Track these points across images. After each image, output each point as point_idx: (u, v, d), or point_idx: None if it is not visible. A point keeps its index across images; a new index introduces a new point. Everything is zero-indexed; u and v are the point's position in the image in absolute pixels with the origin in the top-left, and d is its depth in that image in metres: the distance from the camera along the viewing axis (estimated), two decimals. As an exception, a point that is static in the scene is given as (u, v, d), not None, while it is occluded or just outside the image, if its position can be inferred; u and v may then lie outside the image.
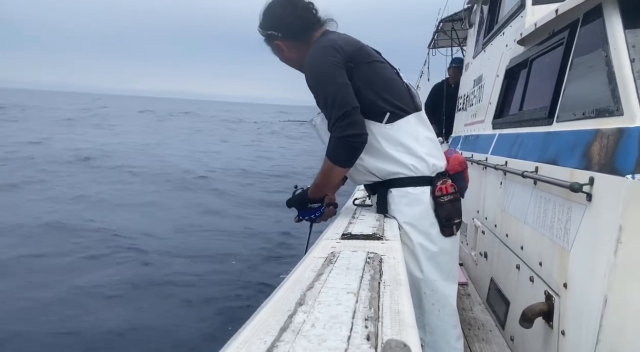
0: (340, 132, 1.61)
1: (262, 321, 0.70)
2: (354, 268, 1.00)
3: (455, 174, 1.76)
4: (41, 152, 16.30)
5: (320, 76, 1.68)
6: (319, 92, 1.68)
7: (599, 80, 1.85)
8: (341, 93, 1.63)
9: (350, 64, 1.69)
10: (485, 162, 3.28)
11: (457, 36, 6.97)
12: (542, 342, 2.06)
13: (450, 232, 1.71)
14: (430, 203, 1.70)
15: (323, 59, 1.68)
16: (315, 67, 1.70)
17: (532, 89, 2.89)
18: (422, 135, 1.76)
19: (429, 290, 1.67)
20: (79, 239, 7.30)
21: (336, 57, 1.67)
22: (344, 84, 1.64)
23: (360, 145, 1.63)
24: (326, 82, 1.65)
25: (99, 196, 10.41)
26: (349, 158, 1.66)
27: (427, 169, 1.72)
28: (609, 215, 1.54)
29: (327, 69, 1.66)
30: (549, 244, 2.06)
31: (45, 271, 5.95)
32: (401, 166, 1.71)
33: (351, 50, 1.72)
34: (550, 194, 2.09)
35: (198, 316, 5.00)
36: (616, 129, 1.61)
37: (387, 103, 1.72)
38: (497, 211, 3.05)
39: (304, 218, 1.94)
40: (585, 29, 2.14)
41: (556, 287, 1.94)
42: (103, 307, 5.06)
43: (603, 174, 1.60)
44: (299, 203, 1.90)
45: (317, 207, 1.91)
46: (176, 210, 9.74)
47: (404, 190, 1.72)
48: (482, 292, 3.41)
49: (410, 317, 0.74)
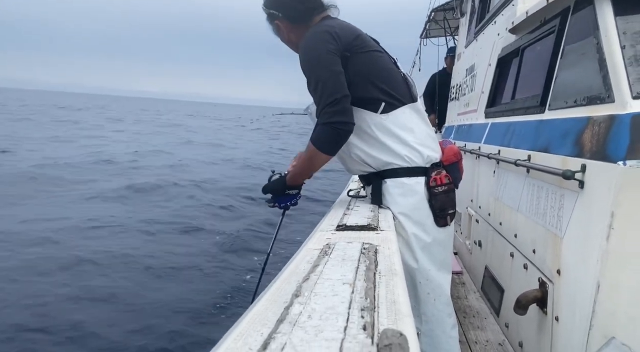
0: (327, 118, 1.60)
1: (259, 313, 0.70)
2: (349, 259, 1.00)
3: (449, 165, 1.77)
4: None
5: (313, 61, 1.66)
6: (311, 77, 1.67)
7: (590, 67, 1.86)
8: (332, 80, 1.61)
9: (347, 53, 1.68)
10: (478, 151, 3.29)
11: (449, 26, 6.95)
12: (536, 328, 2.09)
13: (444, 222, 1.71)
14: (425, 194, 1.70)
15: (318, 44, 1.66)
16: (310, 51, 1.68)
17: (524, 78, 2.90)
18: (417, 126, 1.76)
19: (424, 279, 1.68)
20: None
21: (332, 44, 1.65)
22: (336, 72, 1.63)
23: (345, 134, 1.62)
24: (319, 68, 1.64)
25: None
26: (334, 145, 1.66)
27: (422, 160, 1.72)
28: (601, 201, 1.55)
29: (322, 54, 1.64)
30: (542, 232, 2.08)
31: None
32: (396, 157, 1.71)
33: (348, 39, 1.70)
34: (543, 181, 2.10)
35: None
36: (607, 116, 1.62)
37: (382, 93, 1.71)
38: (490, 200, 3.06)
39: (279, 205, 1.90)
40: (576, 17, 2.14)
41: (550, 274, 1.96)
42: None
43: (595, 161, 1.61)
44: (275, 189, 1.87)
45: (294, 193, 1.87)
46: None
47: (399, 180, 1.72)
48: (476, 281, 3.44)
49: (406, 306, 0.74)
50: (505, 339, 2.56)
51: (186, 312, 4.74)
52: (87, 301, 4.84)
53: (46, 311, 4.53)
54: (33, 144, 17.74)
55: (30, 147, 16.72)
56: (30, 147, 16.58)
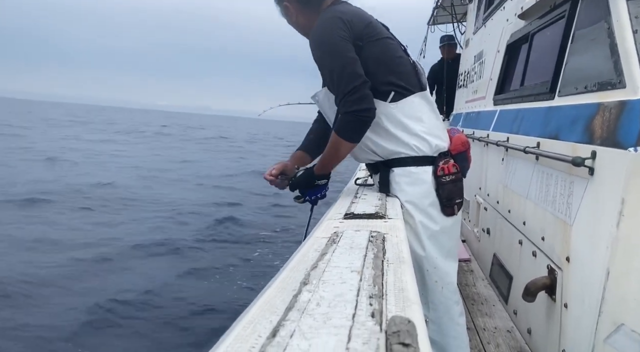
0: (349, 107, 1.58)
1: (268, 300, 0.71)
2: (357, 247, 1.01)
3: (457, 154, 1.75)
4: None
5: (327, 49, 1.63)
6: (325, 66, 1.64)
7: (601, 53, 1.83)
8: (349, 67, 1.59)
9: (359, 43, 1.65)
10: (487, 139, 3.26)
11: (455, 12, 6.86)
12: (545, 315, 2.09)
13: (451, 211, 1.71)
14: (432, 183, 1.69)
15: (330, 31, 1.63)
16: (322, 38, 1.65)
17: (533, 64, 2.86)
18: (425, 115, 1.74)
19: (432, 267, 1.68)
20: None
21: (344, 31, 1.62)
22: (351, 58, 1.60)
23: (368, 120, 1.61)
24: (333, 56, 1.61)
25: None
26: (358, 133, 1.64)
27: (430, 149, 1.70)
28: (611, 188, 1.54)
29: (335, 41, 1.61)
30: (552, 219, 2.07)
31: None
32: (403, 146, 1.70)
33: (360, 27, 1.67)
34: (552, 169, 2.08)
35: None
36: (618, 102, 1.59)
37: (392, 82, 1.69)
38: (499, 187, 3.05)
39: (309, 198, 1.88)
40: (587, 1, 2.10)
41: (558, 261, 1.96)
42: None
43: (605, 148, 1.59)
44: (304, 183, 1.85)
45: (323, 183, 1.85)
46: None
47: (406, 169, 1.71)
48: (485, 268, 3.43)
49: (414, 294, 0.74)
50: (514, 326, 2.57)
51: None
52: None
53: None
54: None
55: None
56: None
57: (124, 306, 4.96)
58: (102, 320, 4.66)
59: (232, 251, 7.38)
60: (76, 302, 4.97)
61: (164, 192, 12.01)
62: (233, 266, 6.58)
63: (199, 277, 6.00)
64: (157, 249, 7.08)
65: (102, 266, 6.16)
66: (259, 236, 8.43)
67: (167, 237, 7.69)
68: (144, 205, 10.34)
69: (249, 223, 9.33)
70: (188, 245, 7.48)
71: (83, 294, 5.19)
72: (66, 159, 17.18)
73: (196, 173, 16.26)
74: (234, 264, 6.69)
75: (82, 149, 20.96)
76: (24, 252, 6.46)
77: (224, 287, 5.72)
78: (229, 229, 8.67)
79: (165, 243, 7.35)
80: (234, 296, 5.43)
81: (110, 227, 8.21)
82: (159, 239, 7.53)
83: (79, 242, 7.12)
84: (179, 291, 5.48)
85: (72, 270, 5.87)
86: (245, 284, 5.84)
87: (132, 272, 6.05)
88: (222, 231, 8.51)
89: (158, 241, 7.45)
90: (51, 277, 5.60)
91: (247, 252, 7.36)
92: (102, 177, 13.30)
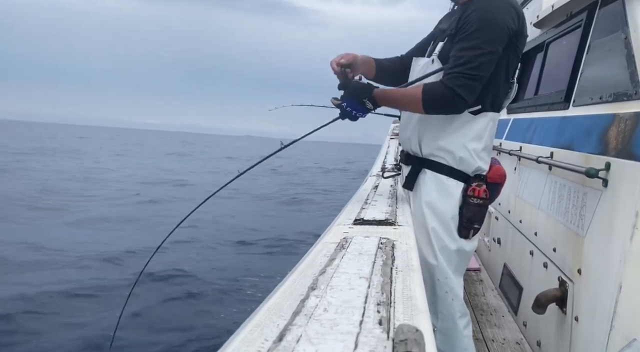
0: (453, 82, 1.54)
1: (275, 305, 0.71)
2: (366, 253, 1.00)
3: (492, 184, 1.73)
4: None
5: (487, 27, 1.58)
6: (473, 39, 1.58)
7: (617, 63, 1.81)
8: (488, 57, 1.56)
9: (514, 39, 1.62)
10: (499, 148, 3.24)
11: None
12: (555, 328, 2.06)
13: (466, 233, 1.68)
14: (459, 199, 1.68)
15: (503, 15, 1.59)
16: (492, 16, 1.59)
17: (548, 73, 2.84)
18: (487, 135, 1.71)
19: (443, 278, 1.67)
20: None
21: (513, 24, 1.59)
22: (496, 52, 1.58)
23: (457, 108, 1.58)
24: (490, 38, 1.56)
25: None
26: (438, 108, 1.61)
27: (470, 168, 1.68)
28: (625, 201, 1.52)
29: (499, 27, 1.57)
30: (564, 230, 2.04)
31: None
32: (449, 154, 1.68)
33: (522, 28, 1.65)
34: (566, 179, 2.06)
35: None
36: (634, 114, 1.57)
37: (492, 96, 1.67)
38: (511, 197, 3.02)
39: (346, 106, 1.67)
40: (604, 11, 2.08)
41: (570, 273, 1.93)
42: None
43: (620, 159, 1.57)
44: (358, 91, 1.67)
45: (369, 107, 1.66)
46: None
47: (438, 176, 1.70)
48: (494, 278, 3.40)
49: (423, 302, 0.74)
50: (523, 338, 2.53)
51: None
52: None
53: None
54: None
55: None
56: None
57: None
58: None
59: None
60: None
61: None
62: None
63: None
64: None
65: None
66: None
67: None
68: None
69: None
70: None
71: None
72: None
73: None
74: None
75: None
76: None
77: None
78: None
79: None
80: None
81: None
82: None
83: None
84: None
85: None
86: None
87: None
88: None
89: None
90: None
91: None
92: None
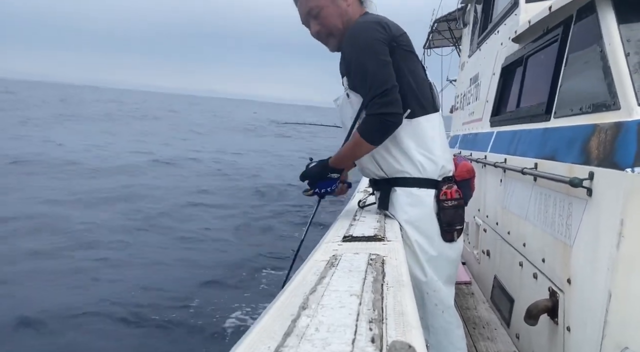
0: (376, 109, 1.58)
1: (266, 326, 0.70)
2: (356, 270, 1.00)
3: (461, 181, 1.75)
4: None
5: (362, 50, 1.63)
6: (359, 66, 1.64)
7: (594, 75, 1.86)
8: (382, 70, 1.59)
9: (393, 43, 1.65)
10: (485, 160, 3.28)
11: (452, 35, 6.99)
12: (547, 339, 2.06)
13: (450, 237, 1.69)
14: (434, 206, 1.69)
15: (369, 33, 1.64)
16: (360, 40, 1.65)
17: (528, 86, 2.89)
18: (438, 135, 1.74)
19: (432, 290, 1.66)
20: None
21: (382, 34, 1.64)
22: (386, 61, 1.61)
23: (393, 125, 1.60)
24: (368, 57, 1.61)
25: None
26: (380, 136, 1.63)
27: (435, 172, 1.70)
28: (610, 209, 1.54)
29: (372, 43, 1.62)
30: (551, 240, 2.06)
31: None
32: (410, 164, 1.70)
33: (396, 32, 1.69)
34: (551, 190, 2.08)
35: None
36: (614, 124, 1.61)
37: (413, 98, 1.69)
38: (498, 209, 3.04)
39: (318, 191, 1.81)
40: (579, 25, 2.14)
41: (560, 283, 1.94)
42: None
43: (603, 169, 1.59)
44: (317, 174, 1.80)
45: (335, 177, 1.80)
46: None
47: (408, 190, 1.70)
48: (485, 291, 3.40)
49: (415, 318, 0.73)
50: (516, 350, 2.53)
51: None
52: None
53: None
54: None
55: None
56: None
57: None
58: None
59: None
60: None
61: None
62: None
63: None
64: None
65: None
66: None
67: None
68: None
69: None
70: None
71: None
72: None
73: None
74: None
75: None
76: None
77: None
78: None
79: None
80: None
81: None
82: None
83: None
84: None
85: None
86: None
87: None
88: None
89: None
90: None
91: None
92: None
